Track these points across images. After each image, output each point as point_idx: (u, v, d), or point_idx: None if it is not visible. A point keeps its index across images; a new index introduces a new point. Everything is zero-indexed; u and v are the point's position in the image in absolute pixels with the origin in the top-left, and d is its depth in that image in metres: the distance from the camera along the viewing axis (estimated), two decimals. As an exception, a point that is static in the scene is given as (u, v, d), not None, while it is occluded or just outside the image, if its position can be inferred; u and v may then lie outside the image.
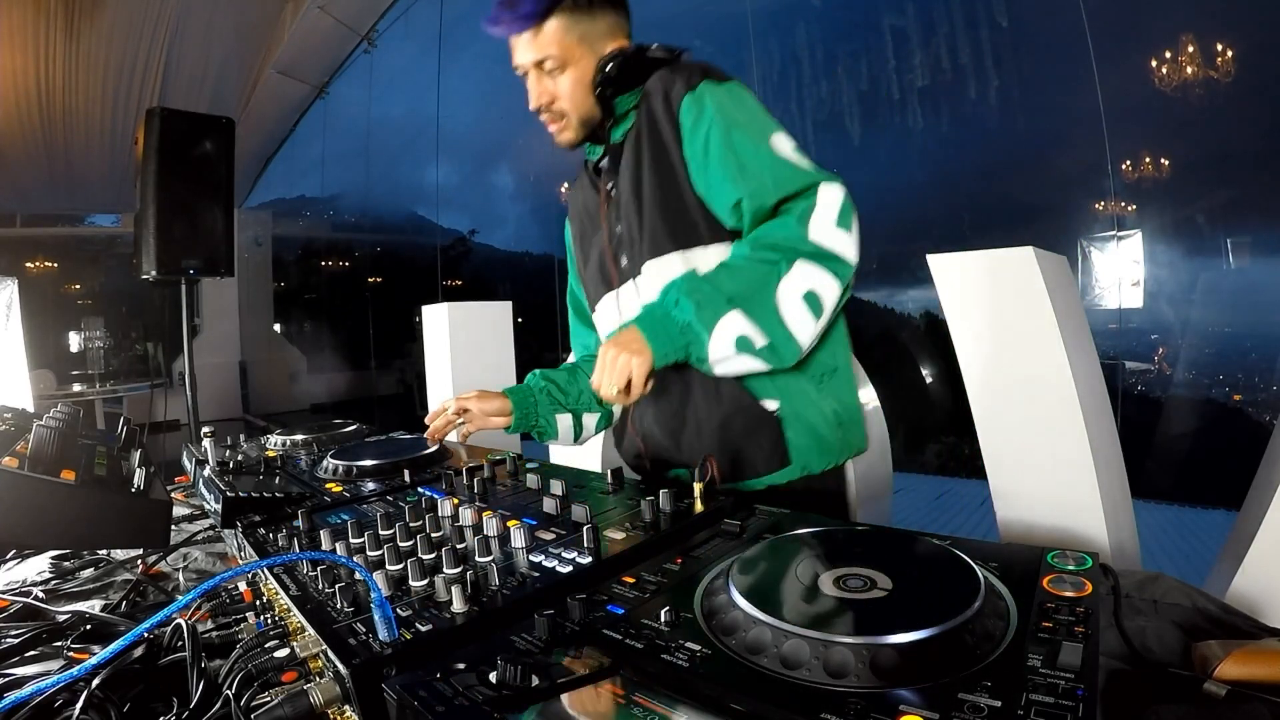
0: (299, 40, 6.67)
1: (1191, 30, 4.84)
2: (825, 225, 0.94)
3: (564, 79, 1.08)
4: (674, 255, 1.05)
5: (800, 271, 0.93)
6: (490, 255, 14.45)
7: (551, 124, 1.12)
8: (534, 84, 1.09)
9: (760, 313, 0.92)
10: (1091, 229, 5.04)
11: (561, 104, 1.09)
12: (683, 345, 0.94)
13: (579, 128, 1.12)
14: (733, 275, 0.94)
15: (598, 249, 1.20)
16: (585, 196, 1.25)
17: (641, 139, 1.07)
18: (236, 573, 0.52)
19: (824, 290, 0.94)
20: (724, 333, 0.92)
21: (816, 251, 0.93)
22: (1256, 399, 5.73)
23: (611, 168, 1.14)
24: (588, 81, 1.08)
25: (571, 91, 1.08)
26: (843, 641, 0.45)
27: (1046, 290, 1.32)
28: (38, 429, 0.90)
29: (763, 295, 0.92)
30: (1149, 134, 5.30)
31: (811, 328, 0.95)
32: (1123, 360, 5.02)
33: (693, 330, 0.93)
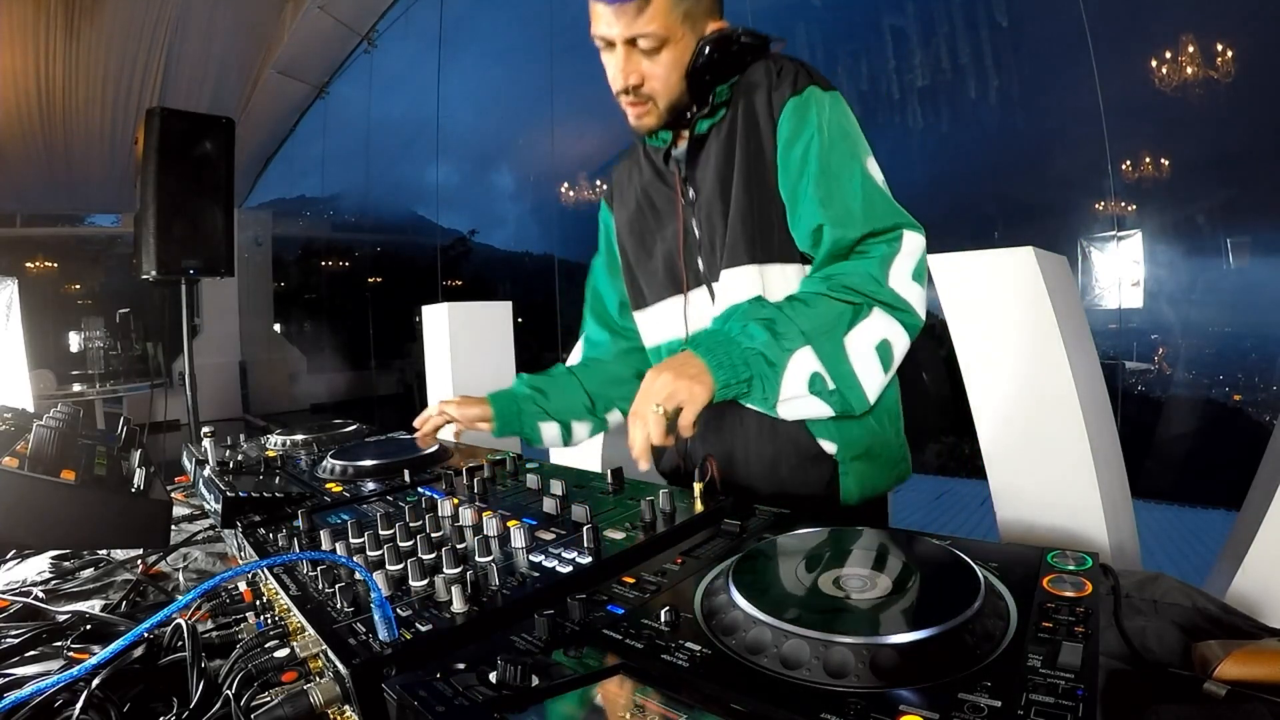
0: (299, 40, 6.67)
1: (1191, 30, 4.84)
2: (904, 276, 0.88)
3: (660, 59, 0.95)
4: (750, 268, 0.98)
5: (877, 319, 0.86)
6: (490, 255, 14.46)
7: (633, 107, 1.00)
8: (621, 61, 0.96)
9: (831, 354, 0.84)
10: (1091, 229, 5.04)
11: (652, 86, 0.97)
12: (746, 378, 0.84)
13: (665, 114, 1.00)
14: (807, 309, 0.85)
15: (665, 246, 1.11)
16: (650, 187, 1.13)
17: (735, 136, 0.98)
18: (236, 573, 0.52)
19: (896, 341, 0.87)
20: (798, 369, 0.84)
21: (893, 301, 0.87)
22: (1256, 399, 5.73)
23: (691, 161, 1.04)
24: (684, 64, 0.96)
25: (666, 74, 0.96)
26: (843, 641, 0.45)
27: (1046, 290, 1.32)
28: (38, 429, 0.90)
29: (834, 336, 0.85)
30: (1149, 134, 5.30)
31: (880, 379, 0.87)
32: (1123, 360, 5.02)
33: (763, 361, 0.83)
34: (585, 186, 9.76)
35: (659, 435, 0.80)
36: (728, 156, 0.99)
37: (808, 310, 0.86)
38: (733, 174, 0.98)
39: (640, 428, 0.81)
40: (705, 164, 1.02)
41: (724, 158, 0.99)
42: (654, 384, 0.83)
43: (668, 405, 0.80)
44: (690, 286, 1.07)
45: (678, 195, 1.07)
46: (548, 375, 1.29)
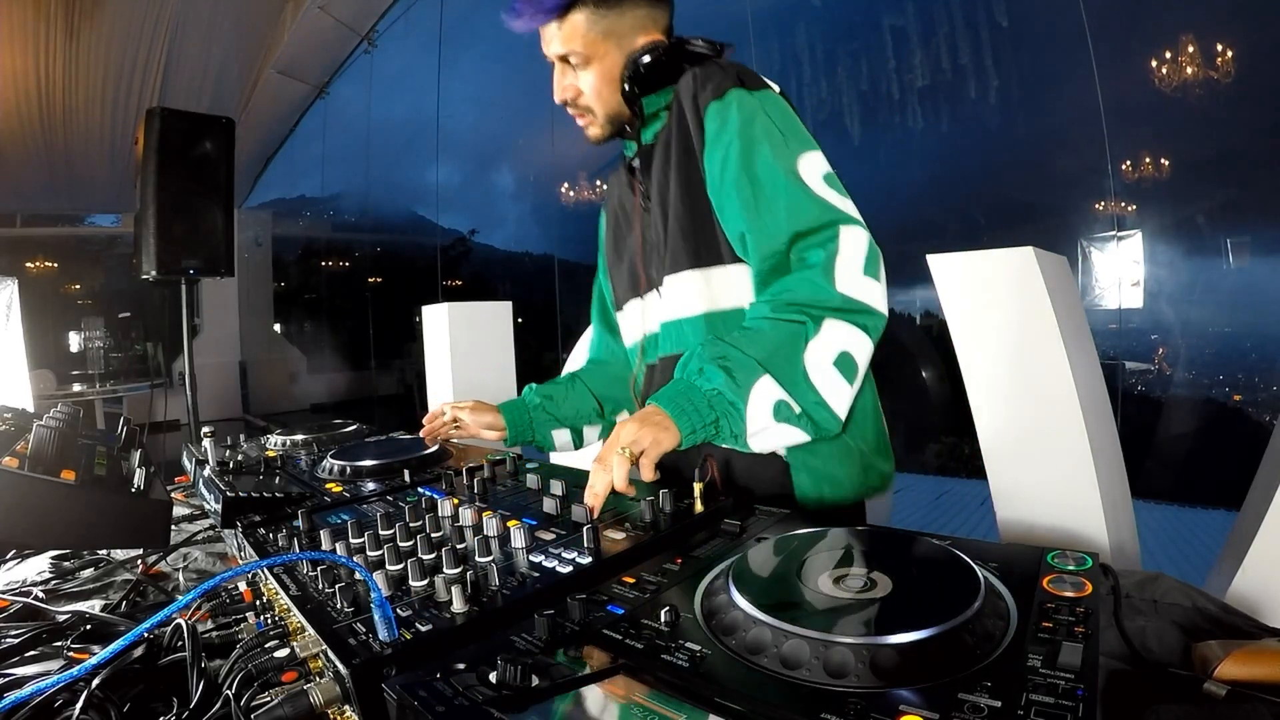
0: (299, 40, 6.67)
1: (1191, 30, 4.84)
2: (852, 274, 0.85)
3: (588, 75, 1.02)
4: (692, 273, 1.00)
5: (830, 332, 0.84)
6: (490, 255, 14.46)
7: (578, 118, 1.08)
8: (559, 77, 1.04)
9: (791, 378, 0.82)
10: (1091, 229, 5.04)
11: (586, 100, 1.04)
12: (712, 420, 0.82)
13: (606, 124, 1.06)
14: (756, 338, 0.84)
15: (630, 251, 1.15)
16: (623, 194, 1.18)
17: (670, 144, 1.01)
18: (236, 573, 0.52)
19: (857, 349, 0.85)
20: (760, 400, 0.82)
21: (845, 305, 0.84)
22: (1256, 399, 5.73)
23: (643, 169, 1.08)
24: (614, 78, 1.01)
25: (597, 88, 1.02)
26: (843, 641, 0.45)
27: (1046, 290, 1.32)
28: (38, 429, 0.90)
29: (791, 360, 0.83)
30: (1149, 134, 5.30)
31: (847, 393, 0.85)
32: (1123, 360, 5.02)
33: (724, 400, 0.82)
34: (585, 187, 9.75)
35: (622, 479, 0.79)
36: (665, 163, 1.02)
37: (758, 338, 0.84)
38: (669, 181, 1.01)
39: (603, 473, 0.80)
40: (654, 171, 1.05)
41: (663, 165, 1.02)
42: (620, 433, 0.82)
43: (633, 449, 0.80)
44: (646, 290, 1.11)
45: (637, 202, 1.11)
46: (555, 383, 1.31)
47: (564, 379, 1.33)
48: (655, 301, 1.09)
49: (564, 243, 10.26)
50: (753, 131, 0.92)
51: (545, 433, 1.27)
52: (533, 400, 1.27)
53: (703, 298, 1.00)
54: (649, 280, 1.10)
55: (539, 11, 0.99)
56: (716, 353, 0.84)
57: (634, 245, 1.13)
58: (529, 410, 1.26)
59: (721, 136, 0.94)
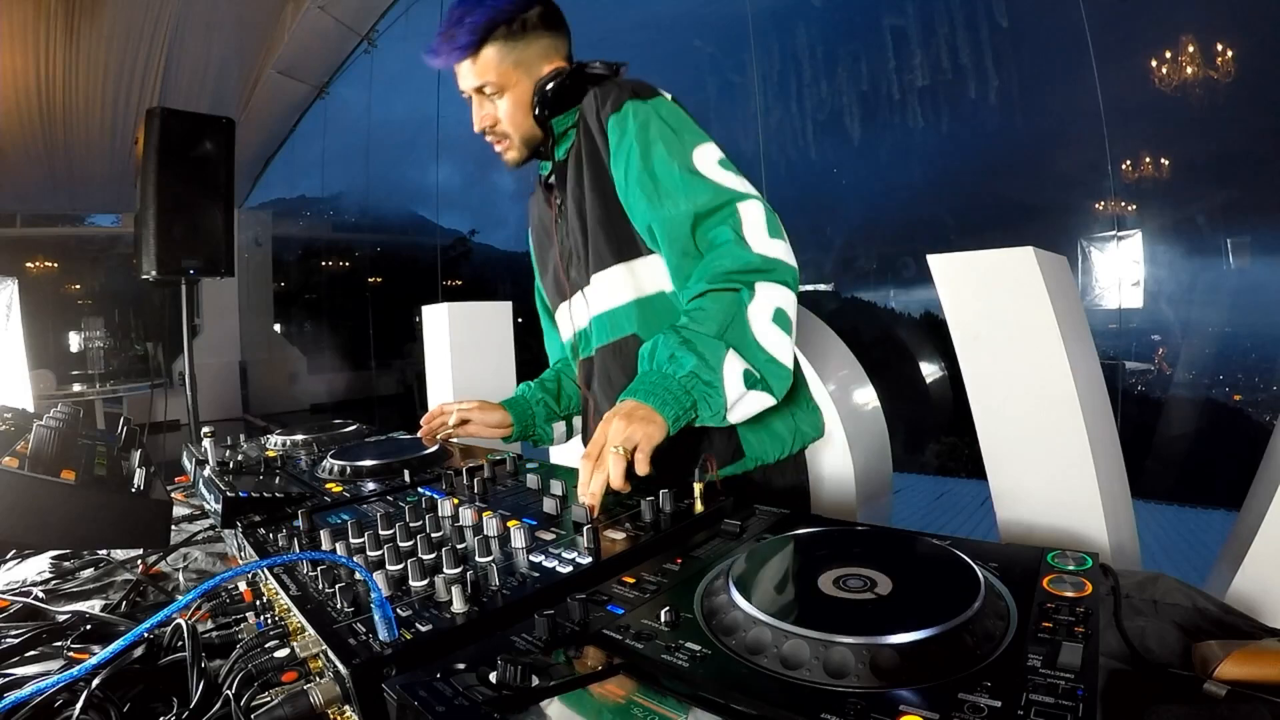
0: (299, 40, 6.67)
1: (1191, 30, 4.84)
2: (760, 238, 0.94)
3: (503, 103, 1.12)
4: (618, 267, 1.09)
5: (762, 293, 0.92)
6: (490, 255, 14.45)
7: (496, 144, 1.17)
8: (477, 108, 1.14)
9: (746, 344, 0.89)
10: (1091, 229, 5.04)
11: (503, 126, 1.14)
12: (690, 404, 0.87)
13: (521, 147, 1.16)
14: (706, 316, 0.90)
15: (552, 261, 1.25)
16: (540, 210, 1.29)
17: (581, 158, 1.11)
18: (236, 573, 0.52)
19: (787, 304, 0.93)
20: (731, 372, 0.88)
21: (765, 265, 0.93)
22: (1256, 399, 5.73)
23: (559, 184, 1.19)
24: (526, 103, 1.12)
25: (511, 114, 1.13)
26: (843, 641, 0.45)
27: (1046, 290, 1.32)
28: (38, 429, 0.90)
29: (741, 328, 0.90)
30: (1149, 134, 5.30)
31: (789, 347, 0.93)
32: (1123, 360, 5.02)
33: (699, 382, 0.87)
34: (585, 186, 9.73)
35: (619, 477, 0.80)
36: (579, 175, 1.12)
37: (707, 314, 0.90)
38: (584, 190, 1.11)
39: (598, 470, 0.81)
40: (568, 185, 1.15)
41: (576, 176, 1.12)
42: (607, 430, 0.84)
43: (626, 445, 0.81)
44: (571, 294, 1.21)
45: (553, 215, 1.22)
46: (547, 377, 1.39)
47: (551, 374, 1.40)
48: (580, 302, 1.18)
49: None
50: (648, 135, 1.02)
51: (546, 427, 1.34)
52: (534, 395, 1.34)
53: (629, 287, 1.09)
54: (572, 284, 1.20)
55: (454, 49, 1.10)
56: (679, 339, 0.89)
57: (555, 256, 1.24)
58: (531, 405, 1.33)
59: (622, 144, 1.04)
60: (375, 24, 7.09)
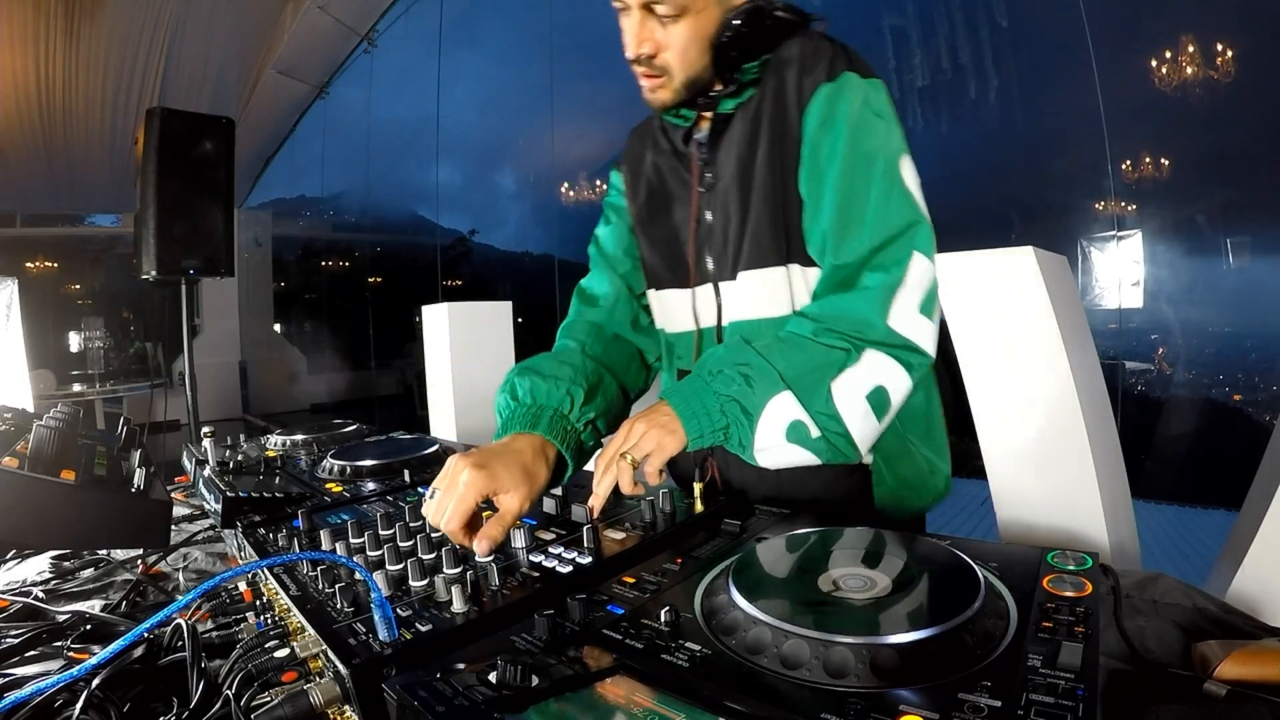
0: (299, 40, 6.67)
1: (1191, 30, 4.84)
2: (908, 311, 0.79)
3: (678, 29, 0.85)
4: (778, 270, 0.90)
5: (869, 363, 0.78)
6: (490, 255, 14.46)
7: (647, 78, 0.90)
8: (636, 27, 0.86)
9: (816, 401, 0.77)
10: (1091, 229, 5.04)
11: (667, 57, 0.87)
12: (722, 426, 0.78)
13: (681, 89, 0.90)
14: (789, 352, 0.79)
15: (672, 233, 1.02)
16: (664, 166, 1.03)
17: (761, 119, 0.90)
18: (236, 573, 0.52)
19: (894, 386, 0.79)
20: (775, 416, 0.77)
21: (890, 340, 0.79)
22: (1256, 399, 5.73)
23: (712, 143, 0.95)
24: (706, 36, 0.86)
25: (684, 46, 0.86)
26: (843, 641, 0.45)
27: (1046, 290, 1.32)
28: (38, 429, 0.90)
29: (819, 383, 0.78)
30: (1149, 134, 5.30)
31: (873, 428, 0.80)
32: (1123, 360, 5.02)
33: (738, 408, 0.77)
34: (585, 186, 9.75)
35: (627, 484, 0.76)
36: (751, 141, 0.91)
37: (789, 354, 0.79)
38: (755, 160, 0.90)
39: (607, 474, 0.77)
40: (728, 148, 0.93)
41: (748, 142, 0.91)
42: (628, 434, 0.79)
43: (635, 454, 0.77)
44: (697, 282, 0.99)
45: (694, 180, 0.98)
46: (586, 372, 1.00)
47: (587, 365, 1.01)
48: (708, 296, 0.98)
49: (564, 243, 10.26)
50: (863, 124, 0.84)
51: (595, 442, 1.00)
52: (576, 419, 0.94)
53: (785, 298, 0.91)
54: (703, 272, 0.98)
55: None
56: (741, 358, 0.79)
57: (679, 228, 1.01)
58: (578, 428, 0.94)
59: (830, 123, 0.85)
60: (375, 24, 7.09)
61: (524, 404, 0.92)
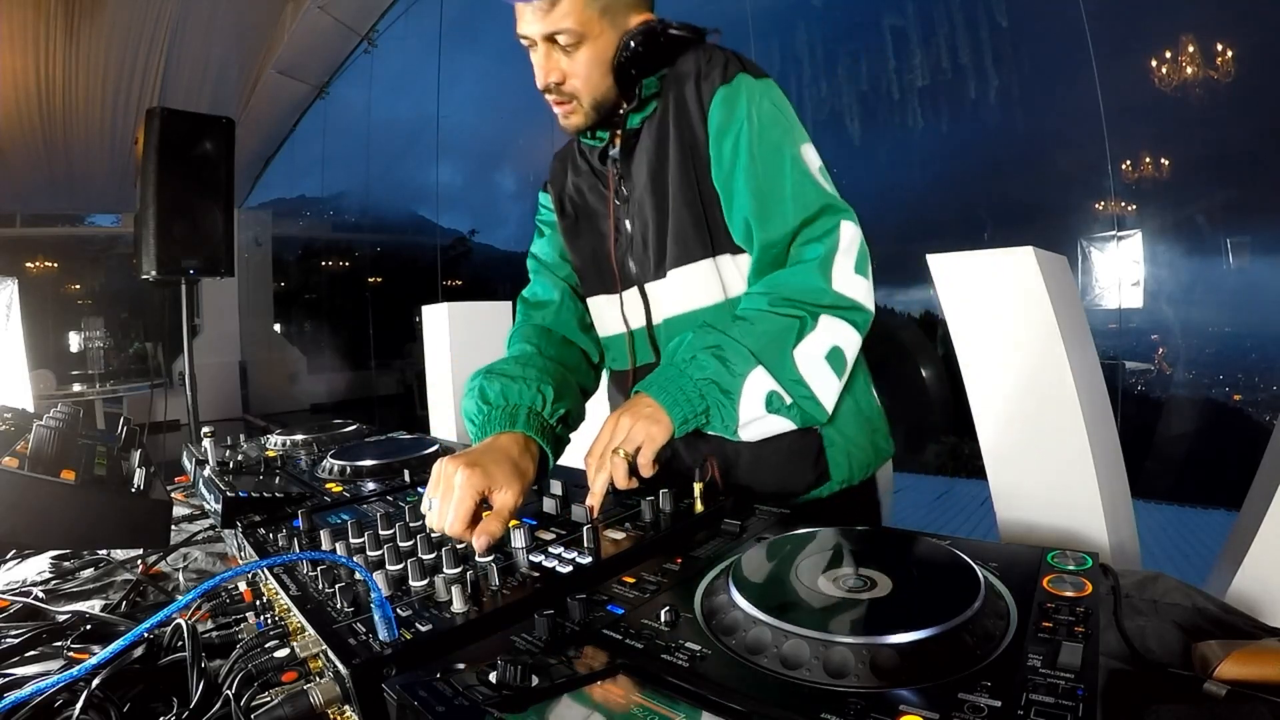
0: (299, 40, 6.67)
1: (1191, 30, 4.84)
2: (846, 273, 0.87)
3: (579, 56, 0.92)
4: (705, 264, 0.96)
5: (824, 327, 0.85)
6: (490, 255, 14.45)
7: (559, 105, 0.97)
8: (543, 59, 0.93)
9: (783, 370, 0.84)
10: (1091, 229, 5.04)
11: (574, 84, 0.94)
12: (703, 410, 0.83)
13: (590, 111, 0.96)
14: (752, 328, 0.85)
15: (593, 245, 1.10)
16: (583, 185, 1.10)
17: (667, 128, 0.96)
18: (236, 573, 0.52)
19: (847, 345, 0.87)
20: (753, 390, 0.83)
21: (838, 302, 0.86)
22: (1256, 399, 5.73)
23: (625, 157, 1.01)
24: (606, 60, 0.93)
25: (587, 71, 0.92)
26: (843, 641, 0.45)
27: (1046, 290, 1.32)
28: (38, 429, 0.90)
29: (784, 352, 0.84)
30: (1149, 134, 5.30)
31: (836, 387, 0.87)
32: (1123, 360, 5.02)
33: (716, 390, 0.83)
34: (585, 186, 9.73)
35: (622, 479, 0.80)
36: (660, 150, 0.97)
37: (753, 329, 0.85)
38: (666, 168, 0.96)
39: (600, 472, 0.80)
40: (639, 160, 0.99)
41: (656, 151, 0.97)
42: (614, 429, 0.82)
43: (627, 448, 0.80)
44: (623, 287, 1.06)
45: (610, 194, 1.05)
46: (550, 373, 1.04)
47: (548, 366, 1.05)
48: (635, 299, 1.04)
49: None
50: (763, 118, 0.91)
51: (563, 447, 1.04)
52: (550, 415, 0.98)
53: (716, 287, 0.97)
54: (625, 279, 1.05)
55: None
56: (709, 341, 0.85)
57: (601, 240, 1.08)
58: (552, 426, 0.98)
59: (731, 123, 0.91)
60: (375, 24, 7.09)
61: (497, 405, 0.95)
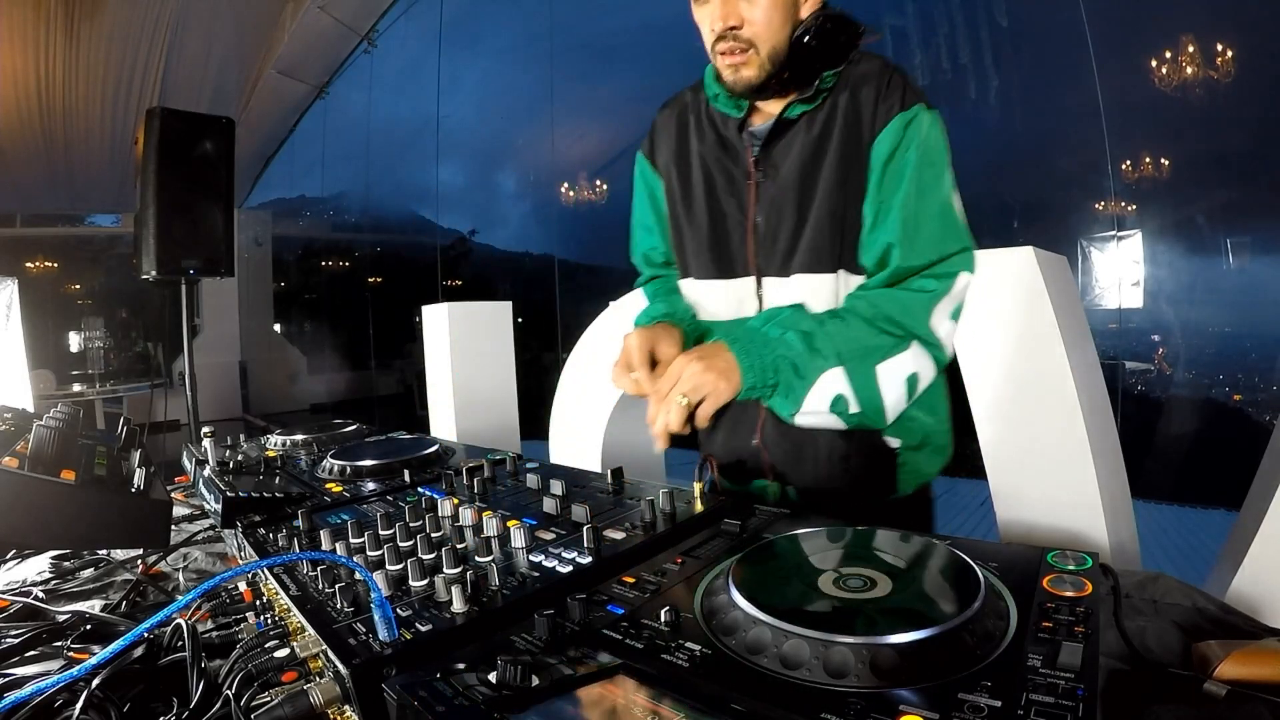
0: (299, 40, 6.67)
1: (1191, 30, 4.85)
2: (945, 316, 0.90)
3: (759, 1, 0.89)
4: (832, 277, 0.96)
5: (913, 353, 0.89)
6: (490, 255, 14.47)
7: (731, 56, 0.91)
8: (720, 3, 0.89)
9: (862, 379, 0.87)
10: (1091, 229, 5.04)
11: (753, 30, 0.89)
12: (773, 384, 0.86)
13: (766, 62, 0.91)
14: (847, 331, 0.87)
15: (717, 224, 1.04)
16: (710, 155, 1.05)
17: (832, 131, 0.93)
18: (236, 573, 0.52)
19: (924, 376, 0.91)
20: (825, 387, 0.86)
21: (929, 338, 0.90)
22: (1256, 399, 5.73)
23: (771, 143, 0.97)
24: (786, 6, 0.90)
25: (768, 16, 0.88)
26: (843, 641, 0.45)
27: (1046, 290, 1.32)
28: (38, 429, 0.90)
29: (868, 363, 0.87)
30: (1149, 134, 5.31)
31: (902, 406, 0.92)
32: (1123, 360, 5.02)
33: (792, 371, 0.85)
34: (585, 187, 9.76)
35: (678, 423, 0.83)
36: (818, 150, 0.94)
37: (847, 332, 0.88)
38: (820, 169, 0.94)
39: (663, 411, 0.84)
40: (787, 150, 0.96)
41: (813, 150, 0.94)
42: (683, 370, 0.84)
43: (692, 396, 0.82)
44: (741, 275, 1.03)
45: (750, 175, 1.00)
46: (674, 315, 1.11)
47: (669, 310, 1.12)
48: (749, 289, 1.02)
49: (564, 243, 10.27)
50: (928, 152, 0.91)
51: None
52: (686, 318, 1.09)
53: (833, 300, 0.97)
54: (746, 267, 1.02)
55: None
56: (805, 325, 0.87)
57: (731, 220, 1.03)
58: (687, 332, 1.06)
59: (901, 152, 0.91)
60: (375, 24, 7.10)
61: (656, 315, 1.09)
